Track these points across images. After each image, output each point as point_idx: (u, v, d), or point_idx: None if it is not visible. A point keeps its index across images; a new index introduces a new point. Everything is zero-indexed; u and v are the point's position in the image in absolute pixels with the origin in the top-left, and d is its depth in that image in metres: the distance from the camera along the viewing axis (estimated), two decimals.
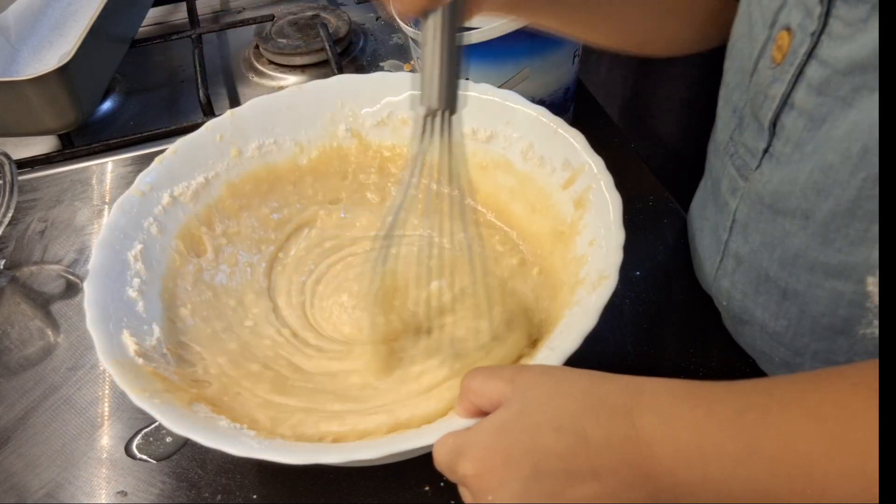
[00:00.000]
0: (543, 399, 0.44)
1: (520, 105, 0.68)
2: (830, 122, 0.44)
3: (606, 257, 0.56)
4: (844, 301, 0.48)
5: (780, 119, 0.48)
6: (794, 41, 0.45)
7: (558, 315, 0.56)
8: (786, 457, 0.38)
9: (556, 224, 0.64)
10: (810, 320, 0.51)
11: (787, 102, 0.47)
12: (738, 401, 0.41)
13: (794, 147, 0.47)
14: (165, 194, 0.65)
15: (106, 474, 0.59)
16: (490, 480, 0.43)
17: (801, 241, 0.48)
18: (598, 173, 0.61)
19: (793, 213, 0.48)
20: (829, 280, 0.48)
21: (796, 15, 0.45)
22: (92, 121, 0.96)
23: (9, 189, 0.75)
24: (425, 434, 0.48)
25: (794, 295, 0.51)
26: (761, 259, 0.53)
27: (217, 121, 0.70)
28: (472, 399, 0.47)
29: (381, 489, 0.57)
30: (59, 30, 1.00)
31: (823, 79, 0.44)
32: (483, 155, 0.70)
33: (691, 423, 0.41)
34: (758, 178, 0.51)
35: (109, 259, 0.59)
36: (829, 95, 0.44)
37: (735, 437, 0.39)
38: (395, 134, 0.73)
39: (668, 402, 0.42)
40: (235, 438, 0.49)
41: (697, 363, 0.63)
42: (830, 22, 0.43)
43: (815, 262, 0.48)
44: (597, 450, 0.42)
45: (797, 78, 0.46)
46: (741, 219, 0.54)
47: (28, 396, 0.65)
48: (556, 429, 0.42)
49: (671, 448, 0.41)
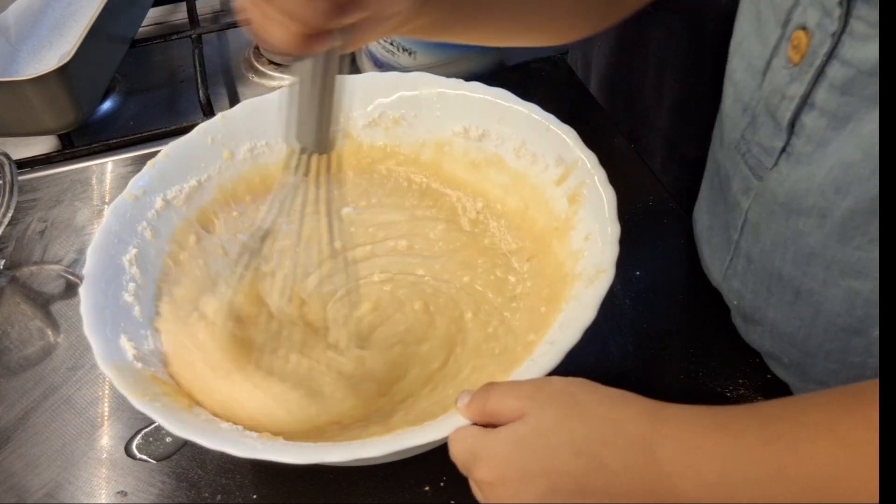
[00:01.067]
0: (563, 418, 0.43)
1: (511, 102, 0.68)
2: (855, 121, 0.43)
3: (603, 251, 0.56)
4: (861, 300, 0.47)
5: (800, 118, 0.47)
6: (814, 41, 0.45)
7: (556, 310, 0.56)
8: (813, 481, 0.38)
9: (551, 220, 0.64)
10: (825, 320, 0.51)
11: (808, 102, 0.46)
12: (765, 429, 0.40)
13: (815, 146, 0.47)
14: (158, 198, 0.65)
15: (106, 474, 0.59)
16: (503, 492, 0.43)
17: (817, 239, 0.48)
18: (592, 168, 0.61)
19: (808, 211, 0.48)
20: (845, 279, 0.48)
21: (813, 14, 0.45)
22: (92, 121, 0.96)
23: (9, 189, 0.75)
24: (428, 431, 0.48)
25: (808, 294, 0.51)
26: (773, 259, 0.52)
27: (208, 123, 0.70)
28: (486, 417, 0.46)
29: (381, 489, 0.57)
30: (59, 30, 1.00)
31: (847, 79, 0.43)
32: (475, 153, 0.70)
33: (717, 455, 0.40)
34: (774, 176, 0.51)
35: (104, 264, 0.59)
36: (853, 95, 0.43)
37: (761, 466, 0.39)
38: (387, 134, 0.73)
39: (690, 432, 0.42)
40: (238, 440, 0.49)
41: (698, 363, 0.63)
42: (851, 22, 0.42)
43: (832, 261, 0.48)
44: (614, 475, 0.41)
45: (817, 78, 0.45)
46: (753, 218, 0.54)
47: (28, 396, 0.65)
48: (575, 452, 0.42)
49: (693, 481, 0.40)
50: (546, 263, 0.63)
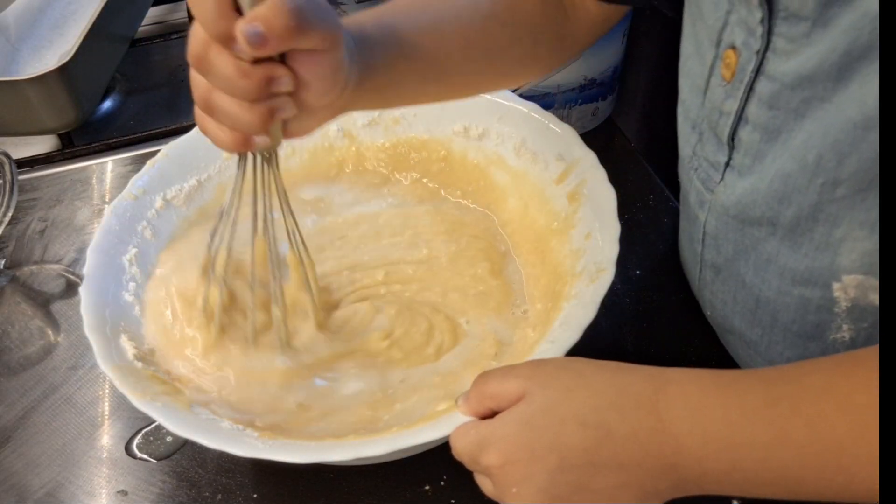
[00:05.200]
0: (565, 392, 0.44)
1: (511, 102, 0.68)
2: (786, 133, 0.45)
3: (603, 250, 0.56)
4: (812, 307, 0.48)
5: (738, 133, 0.49)
6: (741, 59, 0.47)
7: (557, 308, 0.56)
8: (816, 445, 0.39)
9: (551, 219, 0.64)
10: (782, 328, 0.52)
11: (742, 117, 0.48)
12: (768, 391, 0.41)
13: (753, 159, 0.48)
14: (158, 198, 0.65)
15: (106, 474, 0.59)
16: (514, 474, 0.44)
17: (773, 246, 0.49)
18: (592, 167, 0.61)
19: (759, 221, 0.49)
20: (796, 287, 0.49)
21: (739, 34, 0.46)
22: (92, 120, 0.96)
23: (9, 189, 0.75)
24: (431, 430, 0.48)
25: (766, 303, 0.52)
26: (738, 266, 0.53)
27: None
28: (486, 403, 0.47)
29: (381, 488, 0.57)
30: (58, 29, 1.00)
31: (773, 93, 0.45)
32: (476, 152, 0.70)
33: (720, 414, 0.41)
34: (722, 190, 0.52)
35: (104, 263, 0.59)
36: (780, 109, 0.45)
37: (765, 428, 0.40)
38: (387, 133, 0.73)
39: (695, 393, 0.42)
40: (238, 439, 0.49)
41: (697, 363, 0.62)
42: (773, 40, 0.44)
43: (785, 269, 0.49)
44: (622, 443, 0.42)
45: (748, 94, 0.47)
46: (711, 231, 0.55)
47: (28, 396, 0.65)
48: (581, 424, 0.43)
49: (699, 439, 0.41)
50: (546, 262, 0.63)
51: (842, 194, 0.43)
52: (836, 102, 0.41)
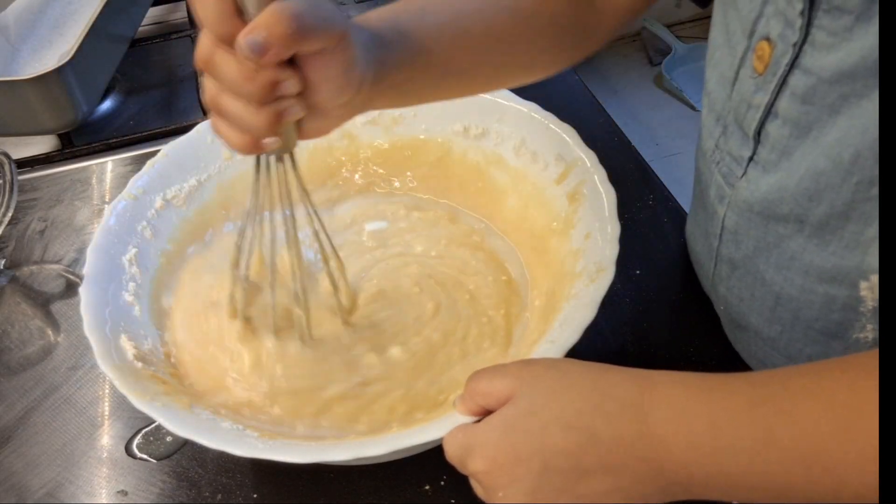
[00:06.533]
0: (550, 394, 0.44)
1: (511, 101, 0.68)
2: (818, 130, 0.44)
3: (603, 250, 0.56)
4: (838, 305, 0.48)
5: (765, 128, 0.48)
6: (776, 51, 0.46)
7: (556, 308, 0.56)
8: (801, 446, 0.38)
9: (551, 219, 0.64)
10: (804, 325, 0.51)
11: (772, 111, 0.47)
12: (753, 392, 0.41)
13: (780, 154, 0.47)
14: (158, 198, 0.65)
15: (106, 474, 0.59)
16: (500, 478, 0.43)
17: (798, 243, 0.48)
18: (591, 167, 0.61)
19: (786, 218, 0.48)
20: (822, 285, 0.48)
21: (776, 25, 0.46)
22: (92, 120, 0.96)
23: (9, 189, 0.75)
24: (431, 429, 0.48)
25: (787, 300, 0.51)
26: (757, 263, 0.53)
27: (208, 123, 0.69)
28: (478, 401, 0.47)
29: (381, 488, 0.57)
30: (58, 29, 1.00)
31: (808, 88, 0.44)
32: (475, 152, 0.70)
33: (706, 417, 0.41)
34: (744, 185, 0.51)
35: (104, 264, 0.59)
36: (814, 104, 0.44)
37: (750, 429, 0.39)
38: (386, 133, 0.73)
39: (681, 396, 0.42)
40: (238, 439, 0.49)
41: (697, 363, 0.63)
42: (813, 32, 0.43)
43: (810, 266, 0.48)
44: (607, 447, 0.42)
45: (780, 87, 0.46)
46: (730, 226, 0.54)
47: (28, 396, 0.65)
48: (565, 427, 0.42)
49: (685, 443, 0.41)
50: (546, 262, 0.63)
51: (877, 193, 0.42)
52: (877, 99, 0.39)
